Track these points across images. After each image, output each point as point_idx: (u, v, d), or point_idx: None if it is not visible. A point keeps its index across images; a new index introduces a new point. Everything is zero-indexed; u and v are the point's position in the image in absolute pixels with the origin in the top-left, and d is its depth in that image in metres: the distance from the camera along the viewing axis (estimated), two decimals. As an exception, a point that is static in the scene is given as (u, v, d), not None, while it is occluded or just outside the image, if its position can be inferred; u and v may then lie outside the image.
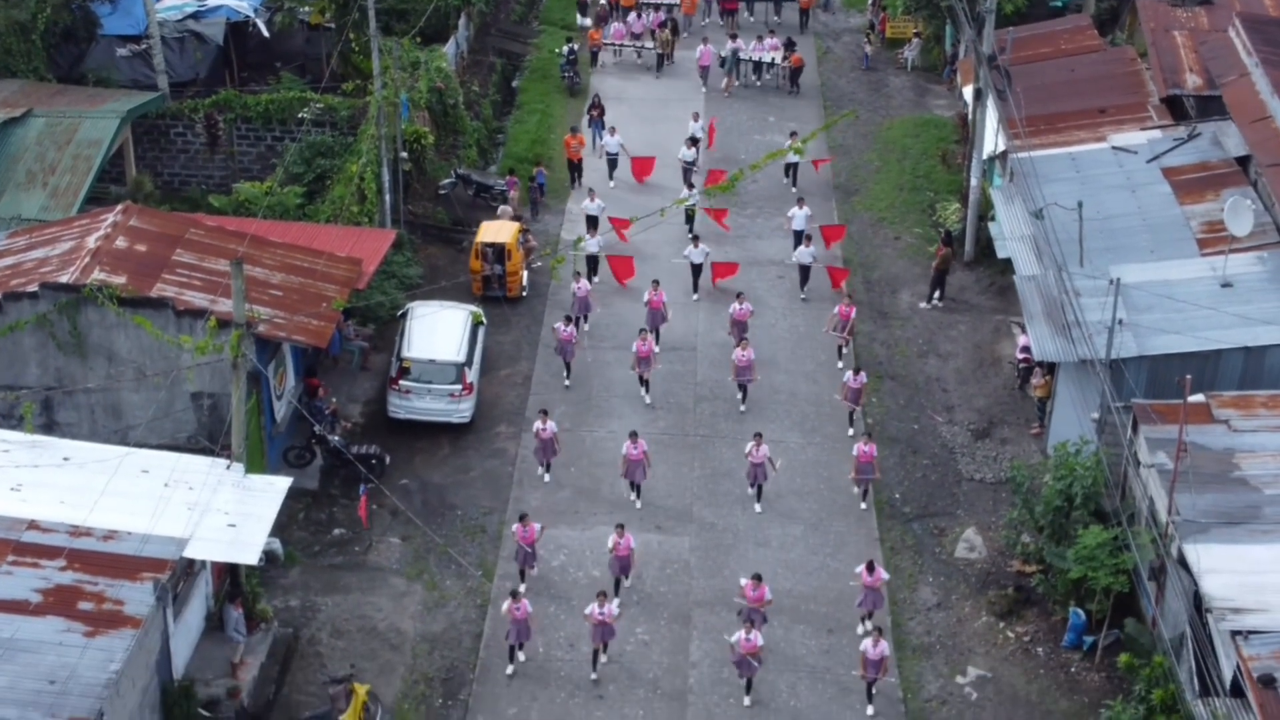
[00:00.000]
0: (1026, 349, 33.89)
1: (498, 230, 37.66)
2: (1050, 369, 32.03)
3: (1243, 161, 35.37)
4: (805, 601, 28.39)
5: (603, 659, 26.41)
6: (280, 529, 28.57)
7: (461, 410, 32.62)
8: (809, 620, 27.92)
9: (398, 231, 36.90)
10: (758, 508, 30.48)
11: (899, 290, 39.03)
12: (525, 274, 38.02)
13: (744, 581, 27.01)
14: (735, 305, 35.17)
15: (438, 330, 33.18)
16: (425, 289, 35.99)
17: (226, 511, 24.82)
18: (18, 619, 22.09)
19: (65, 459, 25.44)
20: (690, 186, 40.31)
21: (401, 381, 32.35)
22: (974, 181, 39.08)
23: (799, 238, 38.41)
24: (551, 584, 28.61)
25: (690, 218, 40.05)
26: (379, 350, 34.99)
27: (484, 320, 35.12)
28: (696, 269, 37.71)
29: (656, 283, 35.42)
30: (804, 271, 37.82)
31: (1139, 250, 33.22)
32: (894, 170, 44.45)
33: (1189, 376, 25.83)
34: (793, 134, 42.54)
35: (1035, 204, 33.98)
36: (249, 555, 24.32)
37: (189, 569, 25.56)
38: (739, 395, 33.66)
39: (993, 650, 27.41)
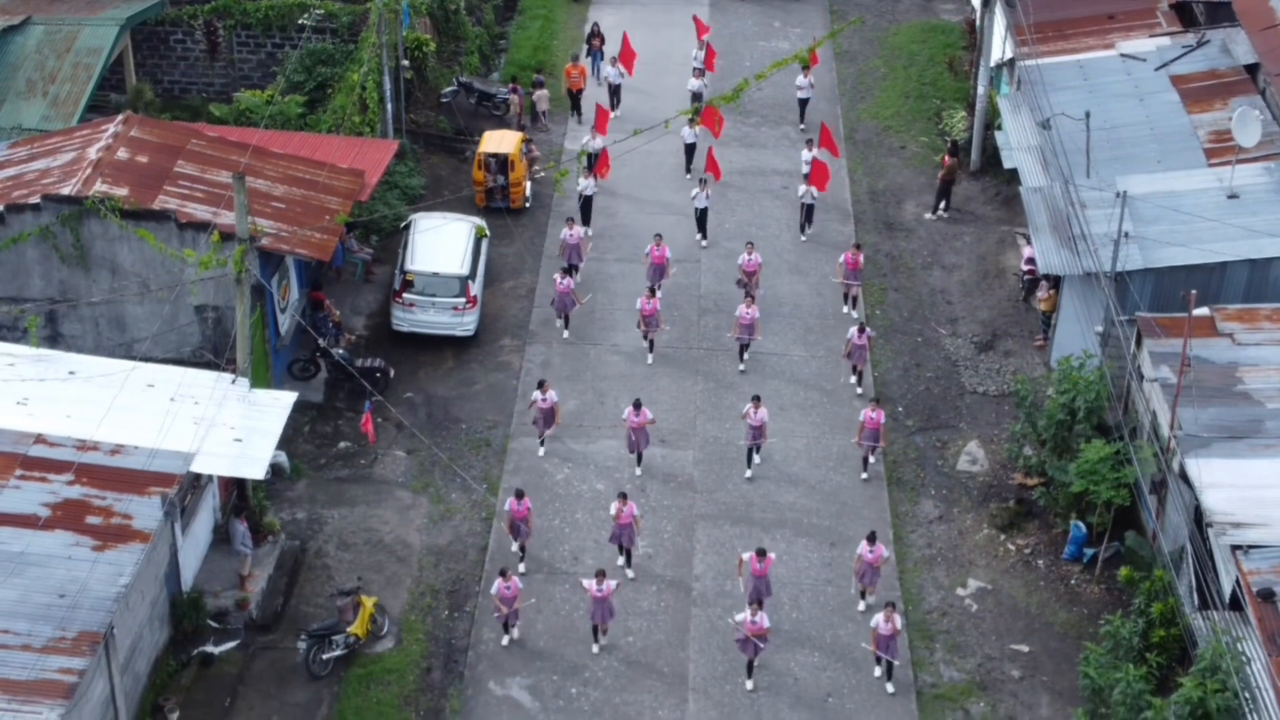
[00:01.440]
0: (1031, 260, 33.78)
1: (500, 141, 37.39)
2: (1055, 282, 31.94)
3: (1251, 70, 35.02)
4: (808, 515, 28.56)
5: (601, 640, 25.62)
6: (286, 442, 28.65)
7: (465, 323, 32.62)
8: (811, 534, 28.12)
9: (400, 142, 36.64)
10: (748, 473, 29.34)
11: (904, 201, 38.81)
12: (528, 185, 37.80)
13: (746, 555, 25.89)
14: (744, 256, 33.79)
15: (441, 243, 33.05)
16: (428, 202, 35.80)
17: (233, 426, 24.93)
18: (27, 533, 22.28)
19: (71, 373, 25.50)
20: (691, 125, 38.68)
21: (405, 295, 32.31)
22: (980, 89, 38.72)
23: (807, 178, 36.89)
24: (556, 496, 28.80)
25: (690, 155, 39.06)
26: (382, 263, 34.93)
27: (487, 233, 35.00)
28: (702, 214, 36.40)
29: (659, 236, 34.16)
30: (807, 210, 36.77)
31: (1146, 161, 32.97)
32: (900, 77, 44.02)
33: (1194, 292, 25.75)
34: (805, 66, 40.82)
35: (1042, 113, 33.68)
36: (255, 470, 24.47)
37: (196, 483, 25.75)
38: (739, 355, 32.32)
39: (993, 563, 27.65)
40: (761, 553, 25.72)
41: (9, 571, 21.61)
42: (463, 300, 32.36)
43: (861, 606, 26.28)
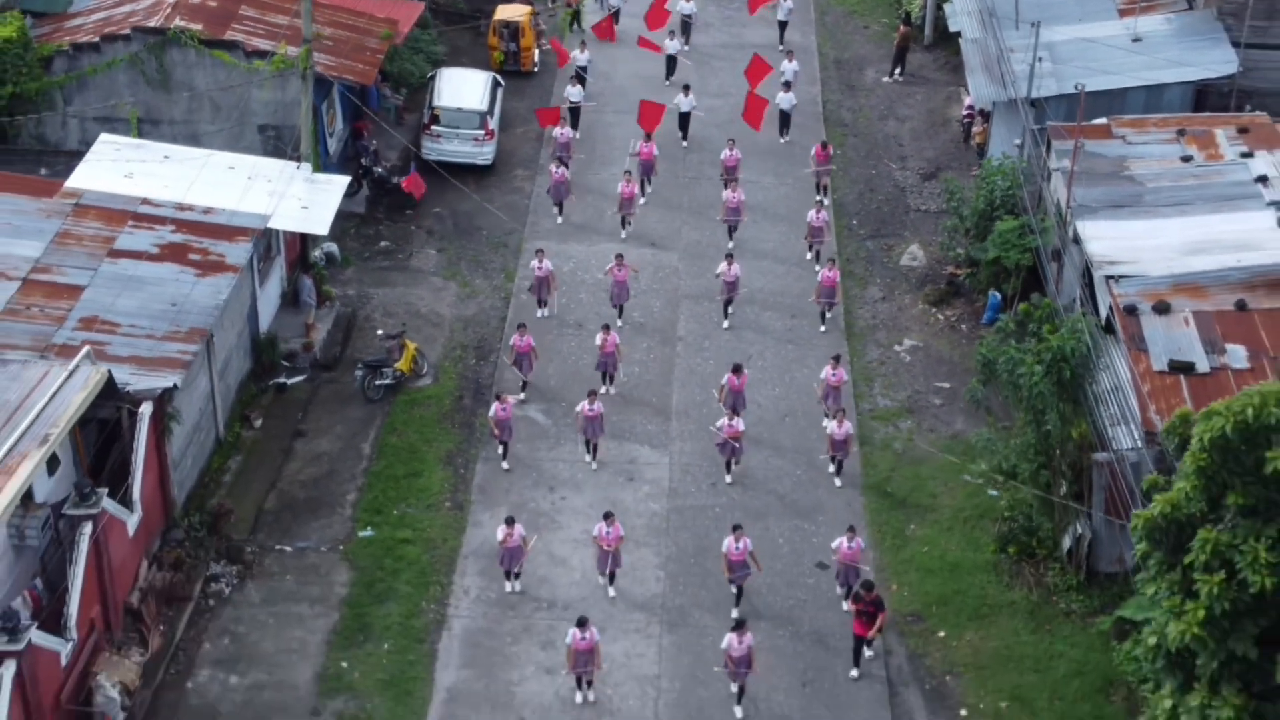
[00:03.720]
0: (970, 107, 39.39)
1: (512, 10, 42.92)
2: (987, 116, 37.47)
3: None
4: (775, 296, 34.09)
5: (592, 463, 28.79)
6: (335, 238, 34.40)
7: (485, 153, 38.17)
8: (776, 308, 33.67)
9: (423, 7, 41.92)
10: (725, 323, 32.47)
11: (865, 68, 44.38)
12: (536, 51, 43.31)
13: (726, 376, 29.37)
14: (725, 152, 37.07)
15: (463, 85, 38.65)
16: (448, 66, 41.22)
17: (299, 198, 30.47)
18: (143, 263, 27.84)
19: (165, 157, 31.03)
20: (686, 40, 42.72)
21: (433, 127, 37.83)
22: (932, -30, 44.22)
23: (787, 86, 40.34)
24: (561, 282, 34.22)
25: (671, 70, 42.27)
26: (410, 111, 40.39)
27: (502, 83, 40.51)
28: (685, 117, 39.51)
29: (649, 135, 36.91)
30: (785, 117, 40.01)
31: (1068, 16, 38.46)
32: (865, -30, 49.49)
33: (1084, 83, 31.29)
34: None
35: (982, -21, 39.24)
36: (320, 227, 30.08)
37: (267, 252, 31.28)
38: (729, 233, 35.42)
39: (925, 328, 33.26)
40: (738, 369, 29.57)
41: (132, 288, 27.16)
42: (482, 133, 37.90)
43: (828, 426, 28.62)
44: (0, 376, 23.51)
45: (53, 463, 23.35)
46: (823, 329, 33.14)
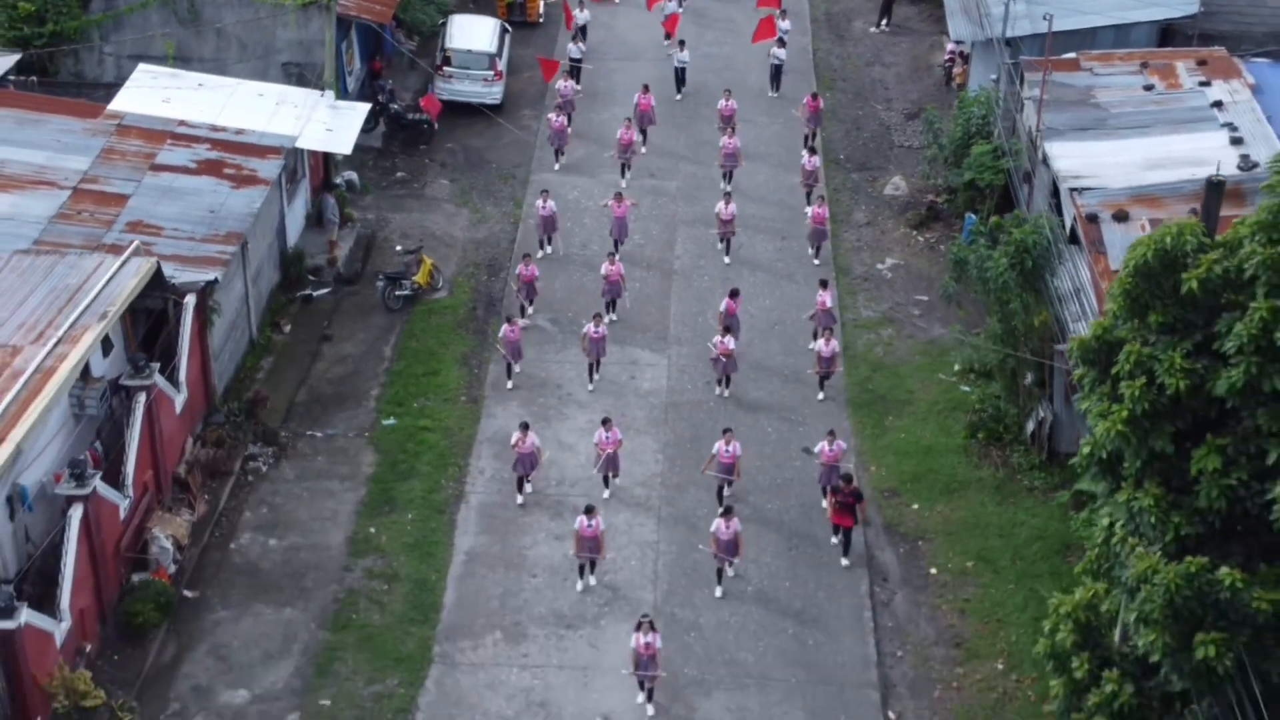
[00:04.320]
0: (951, 52, 41.78)
1: (519, -38, 45.40)
2: (967, 59, 39.84)
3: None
4: (766, 221, 36.48)
5: (592, 381, 30.68)
6: (355, 169, 36.83)
7: (494, 93, 40.56)
8: (766, 230, 36.09)
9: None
10: (726, 259, 34.27)
11: (854, 19, 46.80)
12: (542, 3, 45.67)
13: (724, 303, 31.20)
14: (722, 102, 38.77)
15: (474, 29, 41.08)
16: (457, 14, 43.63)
17: (324, 121, 32.84)
18: (182, 176, 30.22)
19: (199, 85, 33.40)
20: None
21: (445, 68, 40.22)
22: (917, -74, 46.57)
23: (780, 43, 42.31)
24: (566, 208, 36.60)
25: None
26: (423, 56, 42.75)
27: (509, 30, 42.87)
28: (681, 71, 41.35)
29: (646, 86, 38.88)
30: (776, 71, 41.87)
31: (1043, -37, 40.86)
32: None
33: (1052, 14, 33.64)
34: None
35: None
36: (344, 147, 32.53)
37: (293, 175, 33.65)
38: (725, 178, 37.15)
39: (906, 249, 35.68)
40: (734, 294, 31.34)
41: (173, 198, 29.54)
42: (491, 73, 40.29)
43: (813, 345, 31.08)
44: (60, 266, 25.87)
45: (106, 345, 25.75)
46: (816, 262, 34.90)
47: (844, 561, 26.58)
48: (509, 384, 30.73)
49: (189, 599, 25.10)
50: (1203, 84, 33.77)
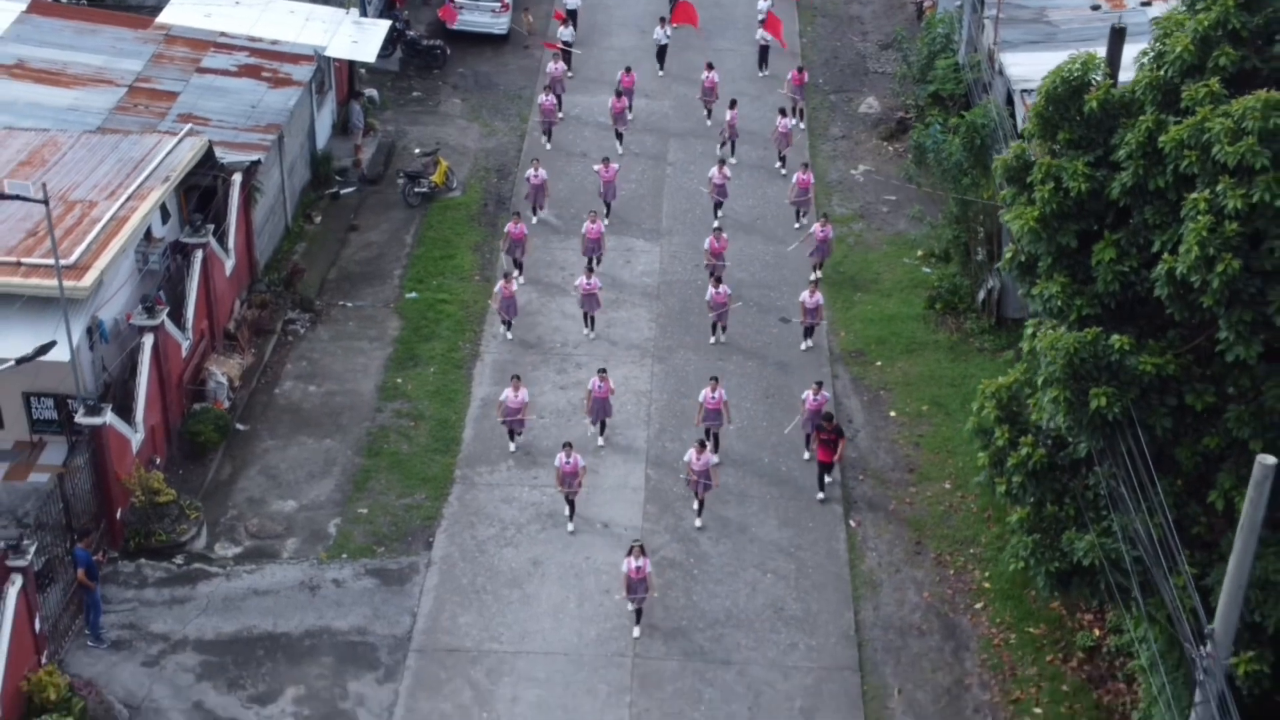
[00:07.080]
0: (923, -11, 45.37)
1: (523, -91, 48.78)
2: (936, -7, 43.41)
3: None
4: (755, 149, 40.00)
5: (590, 333, 31.87)
6: (374, 87, 40.37)
7: (501, 23, 44.11)
8: (750, 141, 39.63)
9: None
10: (715, 223, 35.23)
11: (834, -37, 50.35)
12: (544, -53, 49.17)
13: (708, 241, 32.85)
14: (705, 74, 40.08)
15: (483, -36, 44.60)
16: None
17: (349, 34, 36.37)
18: (224, 77, 33.73)
19: (236, 2, 36.90)
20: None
21: (455, 0, 43.75)
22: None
23: (762, 23, 44.16)
24: (568, 119, 40.06)
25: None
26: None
27: (514, -31, 46.39)
28: (662, 49, 42.99)
29: (629, 69, 40.30)
30: (763, 50, 43.55)
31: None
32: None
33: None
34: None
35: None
36: (368, 56, 36.12)
37: (321, 86, 37.13)
38: (731, 148, 38.11)
39: (877, 157, 39.25)
40: (718, 232, 33.20)
41: (217, 94, 33.05)
42: (499, 5, 43.82)
43: (802, 296, 31.53)
44: (124, 142, 29.37)
45: (164, 213, 29.26)
46: (796, 226, 35.55)
47: (819, 495, 27.40)
48: (507, 335, 31.52)
49: (241, 431, 28.66)
50: (1144, 4, 37.33)
